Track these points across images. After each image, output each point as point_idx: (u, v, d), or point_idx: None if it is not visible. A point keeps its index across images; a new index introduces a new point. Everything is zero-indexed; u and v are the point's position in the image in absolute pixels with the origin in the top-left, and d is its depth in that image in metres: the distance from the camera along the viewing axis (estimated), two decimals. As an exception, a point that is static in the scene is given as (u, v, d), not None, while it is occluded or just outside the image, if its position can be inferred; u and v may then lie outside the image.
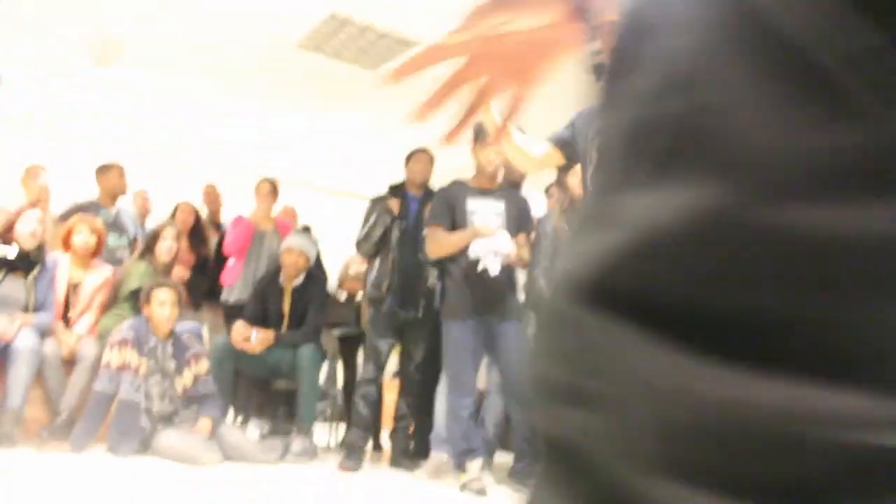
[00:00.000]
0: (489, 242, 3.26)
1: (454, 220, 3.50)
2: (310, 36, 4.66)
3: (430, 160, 4.17)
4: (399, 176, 4.24)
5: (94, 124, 6.40)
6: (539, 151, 2.27)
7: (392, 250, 4.04)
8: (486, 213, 3.50)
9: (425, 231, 3.64)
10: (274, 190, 5.02)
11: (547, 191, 4.26)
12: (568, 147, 2.30)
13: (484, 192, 3.54)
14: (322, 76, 5.27)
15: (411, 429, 3.97)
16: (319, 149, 6.89)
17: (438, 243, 3.52)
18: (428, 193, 4.06)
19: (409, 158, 4.22)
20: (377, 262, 4.11)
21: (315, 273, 4.62)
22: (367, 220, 4.16)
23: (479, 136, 3.43)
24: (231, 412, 4.39)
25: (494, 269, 3.28)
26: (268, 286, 4.53)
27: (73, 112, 6.18)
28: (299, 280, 4.48)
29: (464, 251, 3.39)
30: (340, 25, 4.48)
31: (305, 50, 4.87)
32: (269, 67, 5.18)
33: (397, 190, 4.19)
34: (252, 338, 4.23)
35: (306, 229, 4.65)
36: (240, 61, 5.10)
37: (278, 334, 4.31)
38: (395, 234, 4.04)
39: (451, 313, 3.47)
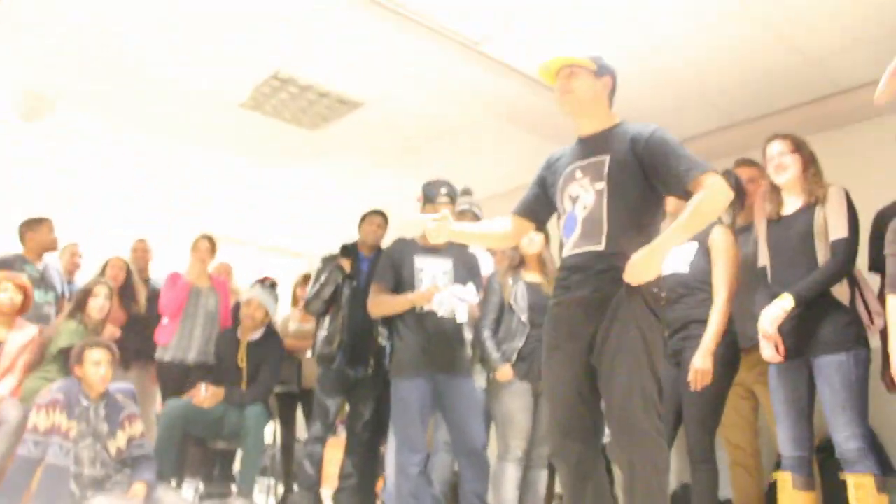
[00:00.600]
0: (455, 291, 3.30)
1: (401, 277, 3.53)
2: (252, 95, 4.68)
3: (383, 222, 4.26)
4: (335, 235, 4.29)
5: (21, 176, 6.21)
6: (501, 227, 2.37)
7: (342, 308, 4.07)
8: (433, 271, 3.54)
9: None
10: (212, 247, 4.96)
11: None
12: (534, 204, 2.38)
13: (431, 251, 3.59)
14: (262, 135, 5.28)
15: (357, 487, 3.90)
16: (256, 206, 6.84)
17: (379, 303, 3.54)
18: (379, 254, 4.09)
19: (362, 219, 4.31)
20: (327, 321, 4.12)
21: (273, 330, 4.56)
22: (317, 278, 4.19)
23: (429, 196, 3.52)
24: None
25: (462, 317, 3.32)
26: (224, 341, 4.44)
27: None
28: (257, 334, 4.40)
29: (411, 310, 3.42)
30: (282, 85, 4.53)
31: (246, 109, 4.89)
32: (210, 124, 5.16)
33: (349, 250, 4.25)
34: (202, 392, 4.14)
35: (272, 284, 4.59)
36: (179, 117, 5.07)
37: (229, 391, 4.20)
38: (346, 292, 4.07)
39: (399, 370, 3.47)
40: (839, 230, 2.91)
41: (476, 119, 4.81)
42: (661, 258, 2.06)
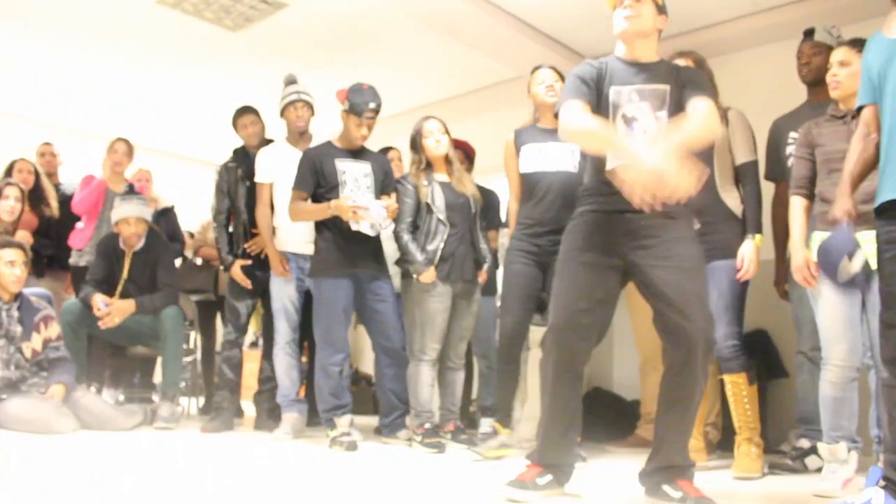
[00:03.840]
0: (369, 215, 3.37)
1: (324, 179, 3.55)
2: (169, -9, 4.48)
3: (256, 118, 4.30)
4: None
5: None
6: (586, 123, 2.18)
7: (242, 212, 4.11)
8: (355, 173, 3.57)
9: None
10: (129, 150, 4.80)
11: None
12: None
13: (352, 154, 3.63)
14: (182, 35, 5.08)
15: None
16: (175, 113, 6.60)
17: (299, 210, 3.56)
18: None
19: (235, 124, 4.32)
20: (232, 228, 4.16)
21: (156, 233, 4.47)
22: (219, 188, 4.21)
23: (355, 108, 3.51)
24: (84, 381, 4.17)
25: (380, 228, 3.48)
26: (110, 250, 4.33)
27: None
28: (140, 244, 4.31)
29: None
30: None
31: (165, 6, 4.68)
32: (123, 22, 4.92)
33: (238, 153, 4.29)
34: (101, 306, 4.04)
35: (131, 188, 4.48)
36: (87, 14, 4.81)
37: (138, 301, 4.15)
38: (243, 194, 4.12)
39: (321, 270, 3.51)
40: (746, 153, 3.13)
41: (400, 23, 4.74)
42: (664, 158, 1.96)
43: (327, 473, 2.73)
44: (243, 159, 4.23)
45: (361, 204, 3.38)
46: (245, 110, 4.34)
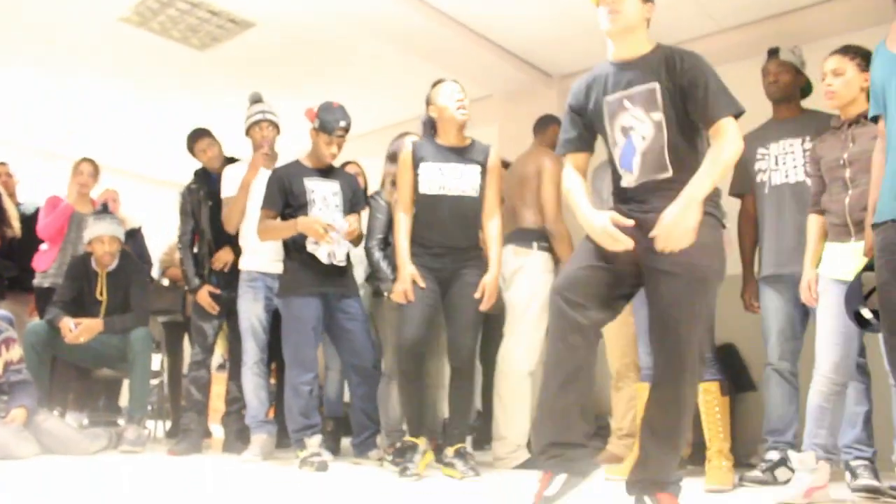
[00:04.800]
0: (337, 236, 3.38)
1: (293, 198, 3.52)
2: (136, 10, 4.45)
3: (212, 140, 4.31)
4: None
5: None
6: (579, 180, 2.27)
7: (206, 233, 4.12)
8: (324, 192, 3.55)
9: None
10: (95, 171, 4.76)
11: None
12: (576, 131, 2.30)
13: (320, 172, 3.61)
14: (148, 55, 5.04)
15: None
16: (140, 134, 6.53)
17: (267, 229, 3.53)
18: (226, 163, 4.18)
19: (193, 146, 4.31)
20: (196, 248, 4.15)
21: (129, 253, 4.43)
22: (183, 210, 4.19)
23: (326, 126, 3.50)
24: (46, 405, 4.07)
25: (341, 258, 3.46)
26: (80, 271, 4.27)
27: None
28: (114, 264, 4.27)
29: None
30: (171, 0, 4.33)
31: (131, 24, 4.64)
32: (86, 41, 4.87)
33: (199, 174, 4.28)
34: (72, 327, 3.98)
35: (105, 207, 4.45)
36: (50, 31, 4.75)
37: (107, 320, 4.08)
38: (206, 215, 4.12)
39: (292, 289, 3.47)
40: None
41: (368, 43, 4.76)
42: (696, 212, 1.98)
43: (297, 495, 2.69)
44: (205, 180, 4.22)
45: (329, 223, 3.37)
46: (199, 134, 4.33)
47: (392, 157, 3.73)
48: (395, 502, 2.56)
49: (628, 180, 2.18)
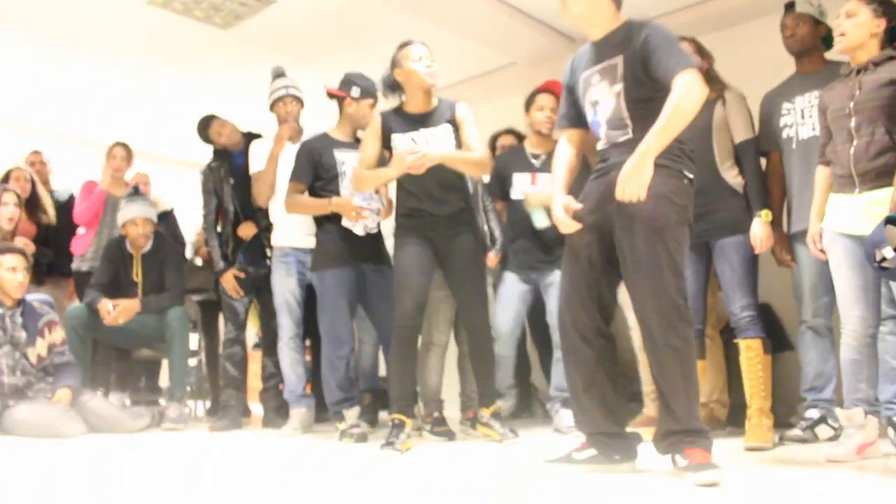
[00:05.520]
0: (370, 213, 3.38)
1: (322, 170, 3.53)
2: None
3: (225, 121, 4.29)
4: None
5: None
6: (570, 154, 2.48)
7: (230, 211, 4.14)
8: (354, 164, 3.52)
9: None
10: (128, 155, 4.82)
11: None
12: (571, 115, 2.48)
13: (349, 145, 3.60)
14: (172, 35, 5.05)
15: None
16: (166, 115, 6.57)
17: (296, 203, 3.54)
18: (247, 146, 4.18)
19: (207, 132, 4.30)
20: (220, 227, 4.20)
21: (162, 234, 4.49)
22: (205, 189, 4.22)
23: (369, 91, 3.52)
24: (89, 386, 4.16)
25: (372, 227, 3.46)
26: (116, 253, 4.34)
27: None
28: (148, 246, 4.34)
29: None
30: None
31: (155, 6, 4.65)
32: (113, 23, 4.89)
33: (220, 153, 4.28)
34: (110, 309, 4.05)
35: (136, 190, 4.50)
36: (78, 15, 4.78)
37: (144, 301, 4.15)
38: (229, 193, 4.14)
39: (325, 263, 3.49)
40: (744, 131, 3.20)
41: (390, 14, 4.72)
42: (648, 166, 2.10)
43: (340, 465, 2.72)
44: (225, 157, 4.24)
45: (360, 203, 3.36)
46: (206, 121, 4.32)
47: None
48: (439, 472, 2.59)
49: (599, 146, 2.40)
